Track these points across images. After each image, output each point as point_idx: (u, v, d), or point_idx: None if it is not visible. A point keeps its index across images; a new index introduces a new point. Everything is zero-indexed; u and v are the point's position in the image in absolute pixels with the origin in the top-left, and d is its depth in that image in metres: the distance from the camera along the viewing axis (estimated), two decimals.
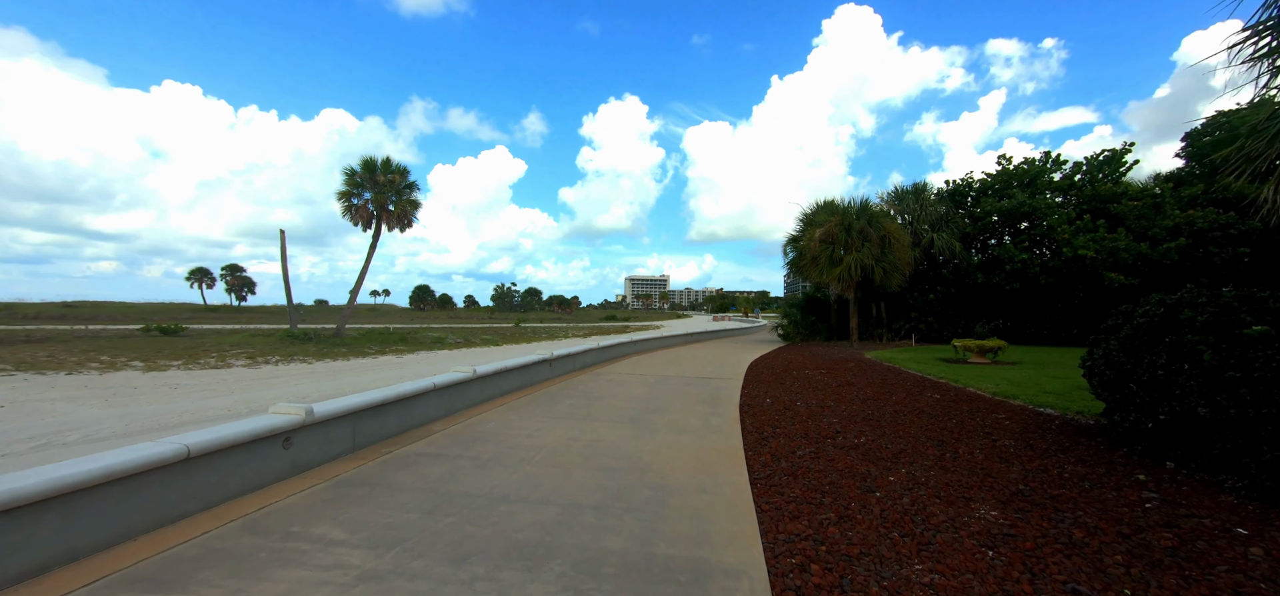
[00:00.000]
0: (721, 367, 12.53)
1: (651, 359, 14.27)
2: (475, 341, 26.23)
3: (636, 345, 16.43)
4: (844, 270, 18.76)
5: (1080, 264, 17.03)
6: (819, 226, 19.89)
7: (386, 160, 25.71)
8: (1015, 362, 12.74)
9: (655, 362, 13.33)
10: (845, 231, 19.08)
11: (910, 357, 14.58)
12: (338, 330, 25.20)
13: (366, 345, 21.75)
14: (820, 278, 19.66)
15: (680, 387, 9.22)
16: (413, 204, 26.64)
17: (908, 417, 6.58)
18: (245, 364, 15.39)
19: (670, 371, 11.62)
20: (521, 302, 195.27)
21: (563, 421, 6.38)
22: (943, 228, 21.03)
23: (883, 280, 18.84)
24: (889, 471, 4.39)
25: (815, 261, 19.83)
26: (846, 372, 11.50)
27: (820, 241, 19.21)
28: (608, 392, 8.63)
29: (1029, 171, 21.13)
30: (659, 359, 14.31)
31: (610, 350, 13.97)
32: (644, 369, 11.99)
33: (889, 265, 18.64)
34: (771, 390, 9.08)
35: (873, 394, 8.50)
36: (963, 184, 22.59)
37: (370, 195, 25.21)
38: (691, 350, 17.82)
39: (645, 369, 12.00)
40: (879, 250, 18.56)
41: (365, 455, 4.79)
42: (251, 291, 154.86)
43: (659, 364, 13.03)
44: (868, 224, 18.81)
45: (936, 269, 21.98)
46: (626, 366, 12.48)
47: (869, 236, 18.65)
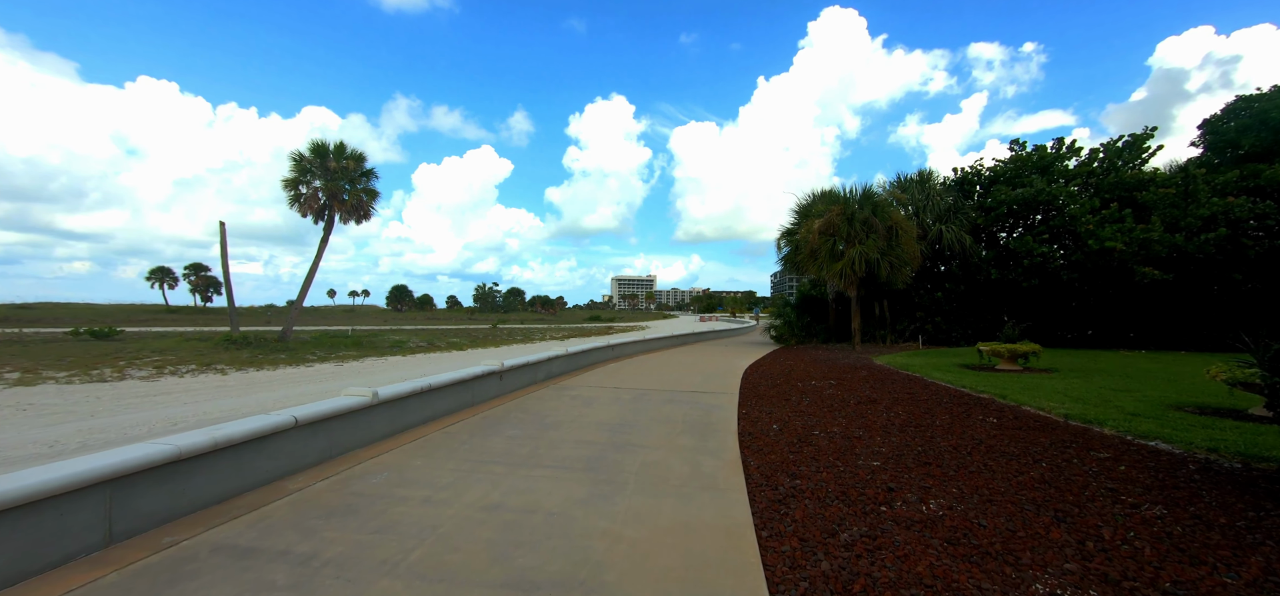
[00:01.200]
0: (711, 377, 10.73)
1: (630, 367, 12.42)
2: (439, 345, 24.14)
3: (614, 350, 14.56)
4: (846, 265, 17.12)
5: (1107, 258, 15.60)
6: (817, 217, 18.22)
7: (340, 145, 23.47)
8: (1050, 370, 11.14)
9: (634, 371, 11.49)
10: (847, 222, 17.44)
11: (926, 363, 12.94)
12: (283, 333, 22.88)
13: (310, 351, 19.56)
14: (819, 273, 18.00)
15: (661, 407, 7.38)
16: (370, 193, 24.41)
17: (974, 458, 4.82)
18: (147, 376, 13.20)
19: (651, 383, 9.79)
20: (503, 303, 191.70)
21: (491, 468, 4.50)
22: (950, 219, 19.53)
23: (889, 276, 17.24)
24: (1017, 588, 2.59)
25: (814, 255, 18.16)
26: (861, 383, 9.77)
27: (820, 233, 17.54)
28: (568, 416, 6.76)
29: (1044, 158, 19.72)
30: (639, 366, 12.48)
31: (582, 357, 12.09)
32: (620, 379, 10.14)
33: (896, 259, 17.05)
34: (776, 409, 7.29)
35: (907, 415, 6.75)
36: (971, 172, 21.13)
37: (320, 183, 22.94)
38: (677, 355, 16.01)
39: (622, 379, 10.16)
40: (885, 242, 16.95)
41: (119, 555, 2.86)
42: (217, 292, 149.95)
43: (638, 372, 11.20)
44: (872, 214, 17.20)
45: (944, 264, 20.50)
46: (599, 376, 10.61)
47: (874, 227, 17.04)
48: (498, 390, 8.28)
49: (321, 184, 23.07)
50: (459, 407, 7.02)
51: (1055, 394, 8.03)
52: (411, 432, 5.75)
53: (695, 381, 10.18)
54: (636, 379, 10.42)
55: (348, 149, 23.69)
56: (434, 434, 5.75)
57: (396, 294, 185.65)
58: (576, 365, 11.82)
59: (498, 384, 8.33)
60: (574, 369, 11.62)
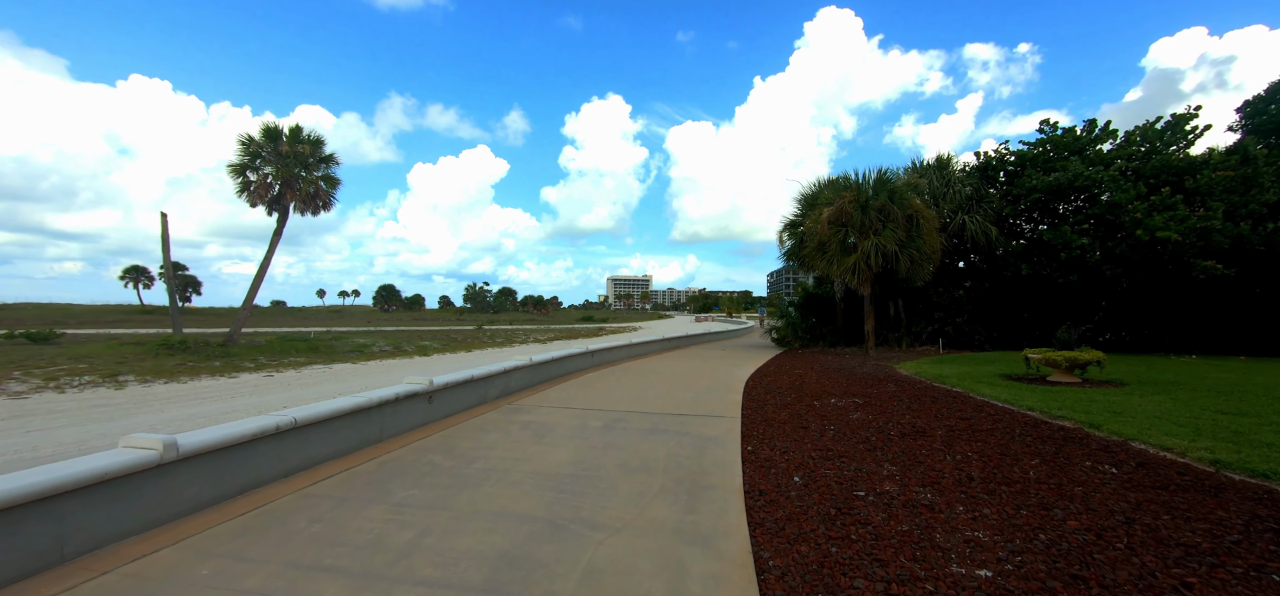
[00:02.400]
0: (706, 393, 8.85)
1: (610, 378, 10.53)
2: (407, 349, 22.15)
3: (593, 358, 12.66)
4: (860, 259, 15.28)
5: (1157, 250, 13.84)
6: (826, 206, 16.38)
7: (295, 127, 21.41)
8: (1117, 383, 9.33)
9: (613, 384, 9.60)
10: (860, 211, 15.59)
11: (959, 373, 11.12)
12: (229, 337, 20.82)
13: (254, 357, 17.54)
14: (828, 268, 16.16)
15: (639, 441, 5.50)
16: (329, 181, 22.37)
17: (1147, 558, 2.95)
18: (31, 389, 11.18)
19: (631, 401, 7.90)
20: (494, 303, 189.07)
21: (317, 586, 2.60)
22: (973, 209, 17.75)
23: (908, 271, 15.43)
24: None
25: (822, 249, 16.32)
26: (893, 402, 7.92)
27: (829, 223, 15.70)
28: (506, 458, 4.86)
29: (1077, 140, 17.95)
30: (620, 378, 10.59)
31: (550, 368, 10.18)
32: (594, 396, 8.25)
33: (916, 252, 15.24)
34: (792, 445, 5.42)
35: (981, 459, 4.90)
36: (995, 157, 19.35)
37: (271, 169, 20.88)
38: (667, 362, 14.13)
39: (596, 396, 8.26)
40: (904, 233, 15.13)
41: None
42: (196, 291, 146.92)
43: (618, 386, 9.31)
44: (889, 200, 15.38)
45: (962, 260, 18.73)
46: (569, 392, 8.71)
47: (891, 216, 15.21)
48: (424, 417, 6.37)
49: (273, 170, 21.00)
50: (353, 447, 5.11)
51: (1152, 419, 6.21)
52: (242, 500, 3.83)
53: (686, 399, 8.29)
54: (614, 395, 8.53)
55: (305, 132, 21.65)
56: (285, 499, 3.84)
57: (384, 294, 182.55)
58: (543, 377, 9.91)
59: (425, 409, 6.42)
60: (539, 382, 9.71)
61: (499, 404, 7.79)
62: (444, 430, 6.10)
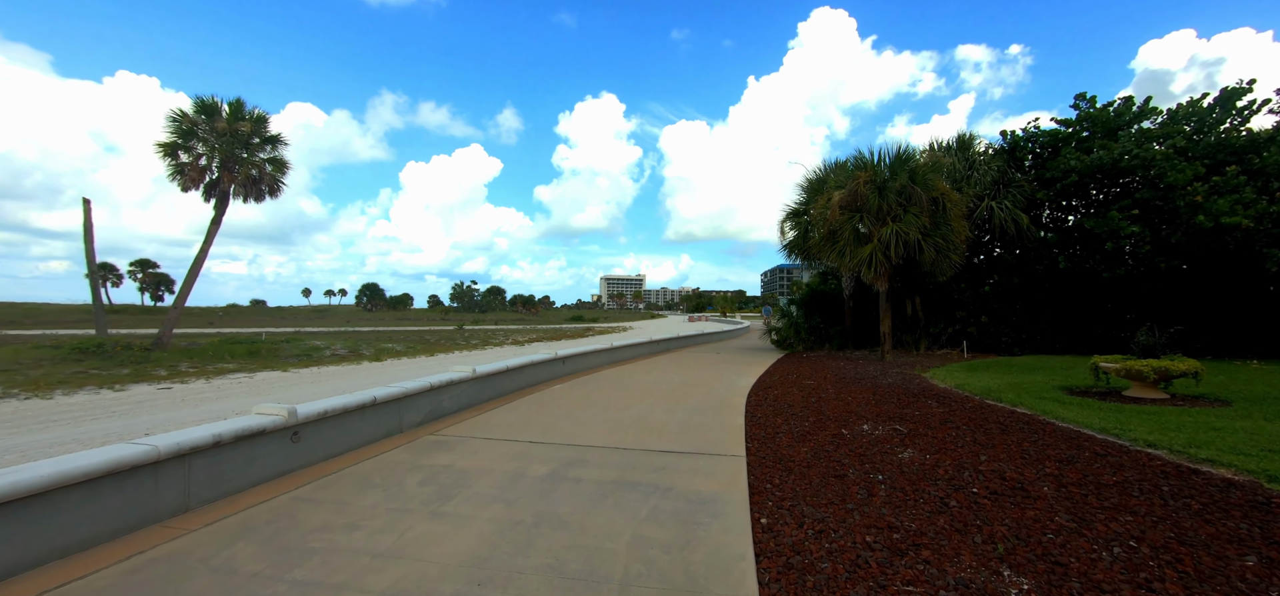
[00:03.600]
0: (697, 414, 6.92)
1: (579, 391, 8.56)
2: (364, 354, 20.04)
3: (566, 365, 10.71)
4: (877, 249, 13.41)
5: (1223, 238, 12.10)
6: (838, 189, 14.50)
7: (236, 103, 19.21)
8: (1218, 400, 7.50)
9: (581, 401, 7.63)
10: (877, 193, 13.71)
11: (1006, 384, 9.28)
12: (158, 339, 18.64)
13: (169, 365, 15.40)
14: (839, 261, 14.28)
15: (591, 513, 3.58)
16: (277, 164, 20.18)
17: None
18: None
19: (596, 429, 5.95)
20: (481, 302, 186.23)
21: None
22: (999, 194, 15.96)
23: (933, 263, 13.59)
24: None
25: (832, 239, 14.44)
26: (951, 433, 6.04)
27: (841, 208, 13.82)
28: (364, 554, 2.89)
29: (1116, 118, 16.20)
30: (592, 390, 8.62)
31: (503, 380, 8.21)
32: (549, 419, 6.29)
33: (942, 241, 13.40)
34: (837, 523, 3.54)
35: (1162, 551, 3.00)
36: (1023, 137, 17.58)
37: (204, 148, 18.66)
38: (653, 369, 12.20)
39: (552, 419, 6.31)
40: (928, 220, 13.28)
41: None
42: (169, 290, 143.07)
43: (585, 405, 7.35)
44: (910, 181, 13.53)
45: (987, 250, 16.95)
46: (519, 414, 6.74)
47: (913, 200, 13.35)
48: (282, 464, 4.40)
49: (206, 149, 18.78)
50: (106, 535, 3.13)
51: None
52: None
53: (672, 423, 6.36)
54: (579, 418, 6.57)
55: (246, 109, 19.45)
56: None
57: (368, 293, 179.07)
58: (492, 392, 7.93)
59: (285, 452, 4.44)
60: (487, 399, 7.73)
61: (418, 434, 5.82)
62: (303, 487, 4.13)
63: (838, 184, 15.35)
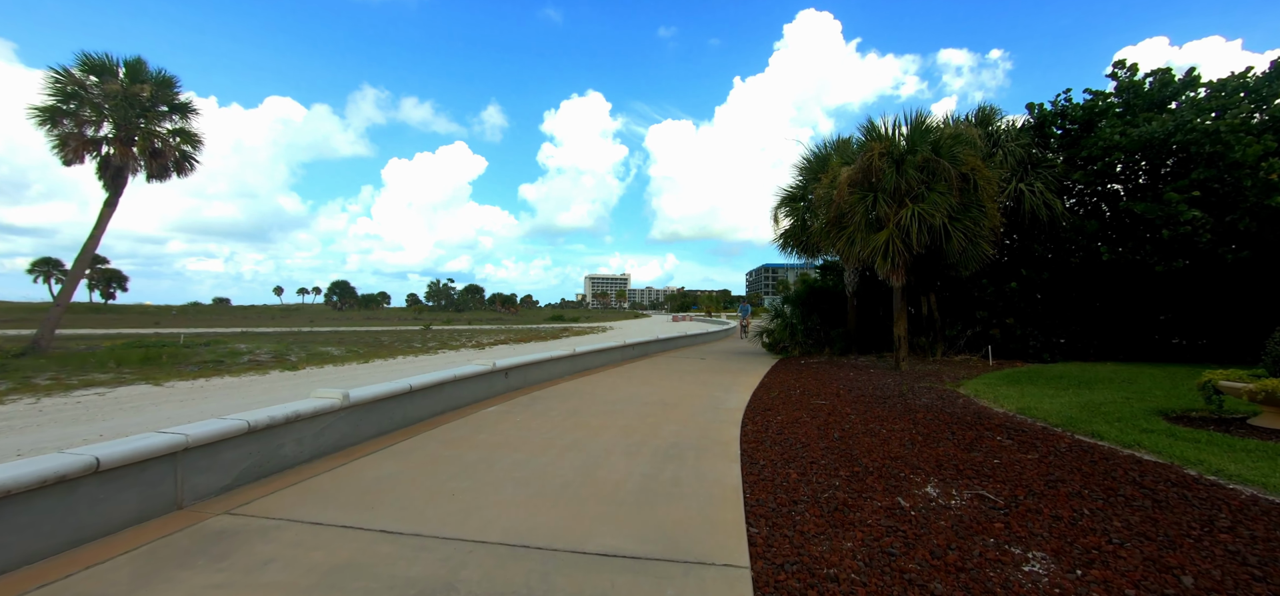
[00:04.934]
0: (667, 465, 4.59)
1: (511, 419, 6.18)
2: (287, 362, 17.38)
3: (509, 379, 8.35)
4: (893, 236, 11.26)
5: None
6: (847, 166, 12.33)
7: (134, 62, 16.42)
8: None
9: (504, 440, 5.26)
10: (894, 167, 11.55)
11: (1075, 405, 7.18)
12: (35, 342, 15.83)
13: (20, 377, 12.68)
14: (848, 250, 12.10)
15: None
16: (187, 137, 17.41)
17: None
18: None
19: (499, 514, 3.52)
20: (458, 301, 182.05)
21: None
22: (1029, 175, 13.97)
23: (962, 253, 11.50)
24: None
25: (839, 224, 12.26)
26: (1074, 507, 3.82)
27: (850, 187, 11.65)
28: None
29: (1160, 90, 14.29)
30: (531, 417, 6.26)
31: (402, 406, 5.78)
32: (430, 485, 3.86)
33: (972, 225, 11.31)
34: None
35: None
36: (1052, 111, 15.60)
37: (93, 114, 15.87)
38: (622, 384, 9.89)
39: (436, 485, 3.87)
40: (959, 199, 11.18)
41: None
42: (122, 287, 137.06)
43: (508, 448, 4.98)
44: (934, 154, 11.42)
45: (1011, 239, 14.95)
46: (400, 465, 4.31)
47: (940, 175, 11.22)
48: None
49: (95, 115, 15.97)
50: None
51: None
52: None
53: (630, 485, 4.05)
54: (482, 480, 4.20)
55: (148, 70, 16.67)
56: None
57: (338, 291, 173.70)
58: (374, 427, 5.52)
59: None
60: (365, 437, 5.32)
61: (205, 511, 3.42)
62: None
63: (845, 162, 13.18)
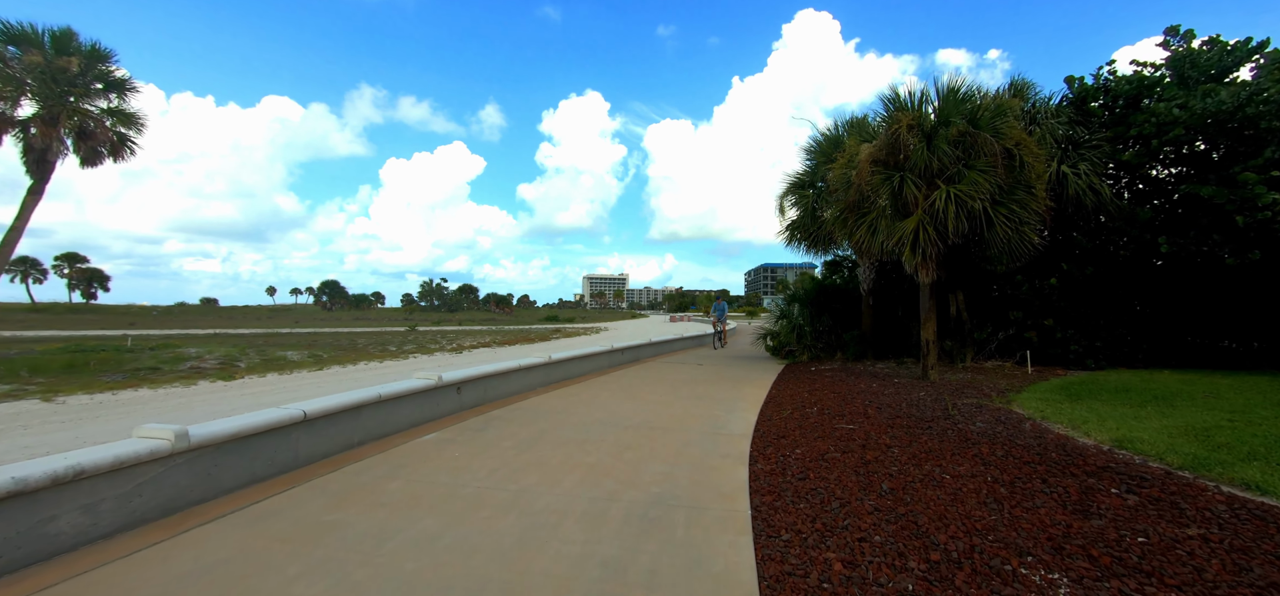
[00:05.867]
0: (647, 536, 2.91)
1: (450, 454, 4.53)
2: (236, 369, 15.70)
3: (461, 395, 6.72)
4: (922, 222, 9.64)
5: None
6: (868, 142, 10.71)
7: (62, 33, 14.74)
8: None
9: (432, 488, 3.58)
10: (923, 142, 9.94)
11: (1175, 428, 5.57)
12: None
13: None
14: (869, 240, 10.46)
15: None
16: (123, 117, 15.73)
17: None
18: None
19: None
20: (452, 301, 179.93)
21: None
22: (1072, 156, 12.39)
23: (1006, 241, 9.86)
24: None
25: (858, 210, 10.65)
26: None
27: (872, 166, 10.03)
28: None
29: (1222, 58, 12.70)
30: (476, 452, 4.60)
31: (300, 438, 4.11)
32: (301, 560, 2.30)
33: (1018, 209, 9.69)
34: None
35: None
36: (1095, 85, 13.97)
37: (12, 90, 14.17)
38: (603, 398, 8.25)
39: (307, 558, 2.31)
40: (1005, 176, 9.55)
41: None
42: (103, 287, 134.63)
43: (433, 503, 3.28)
44: (971, 126, 9.80)
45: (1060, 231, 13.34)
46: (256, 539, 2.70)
47: (981, 150, 9.58)
48: None
49: (13, 91, 14.26)
50: None
51: None
52: None
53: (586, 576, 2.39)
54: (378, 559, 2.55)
55: (77, 41, 14.97)
56: None
57: (328, 291, 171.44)
58: (262, 468, 3.82)
59: None
60: (241, 484, 3.60)
61: None
62: None
63: (864, 140, 11.55)
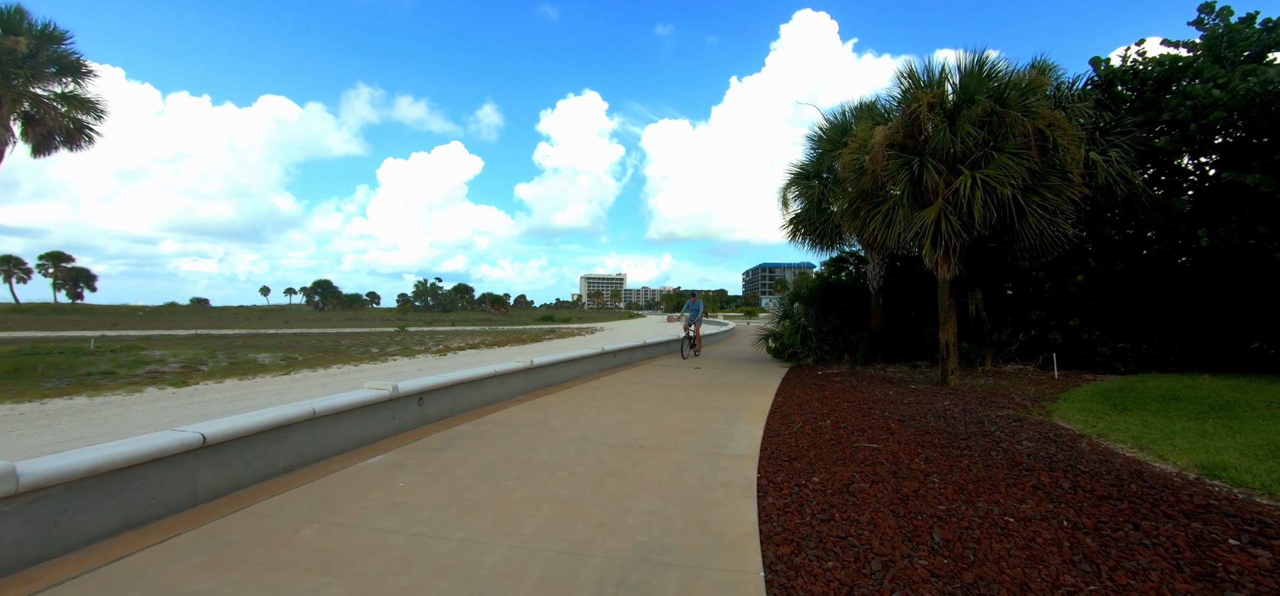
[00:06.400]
0: None
1: (384, 496, 3.56)
2: (197, 373, 14.69)
3: (394, 417, 5.76)
4: (946, 213, 8.72)
5: None
6: (882, 125, 9.79)
7: (10, 12, 13.76)
8: None
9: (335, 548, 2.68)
10: (945, 121, 9.01)
11: (1252, 451, 4.63)
12: None
13: None
14: (884, 233, 9.53)
15: None
16: (79, 103, 14.70)
17: None
18: None
19: None
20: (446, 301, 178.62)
21: None
22: (1101, 142, 11.49)
23: (1039, 233, 8.94)
24: None
25: (871, 199, 9.73)
26: None
27: (887, 149, 9.11)
28: None
29: (1254, 38, 11.86)
30: (419, 486, 3.65)
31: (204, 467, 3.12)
32: None
33: (1051, 197, 8.77)
34: None
35: None
36: (1124, 68, 13.09)
37: None
38: (586, 410, 7.31)
39: None
40: (1039, 158, 8.62)
41: None
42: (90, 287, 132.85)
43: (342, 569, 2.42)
44: (999, 105, 8.88)
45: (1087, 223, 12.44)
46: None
47: (1011, 131, 8.65)
48: None
49: None
50: None
51: None
52: None
53: None
54: None
55: (27, 20, 13.95)
56: None
57: (320, 290, 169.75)
58: (145, 508, 2.82)
59: None
60: (107, 531, 2.64)
61: None
62: None
63: (881, 119, 10.60)
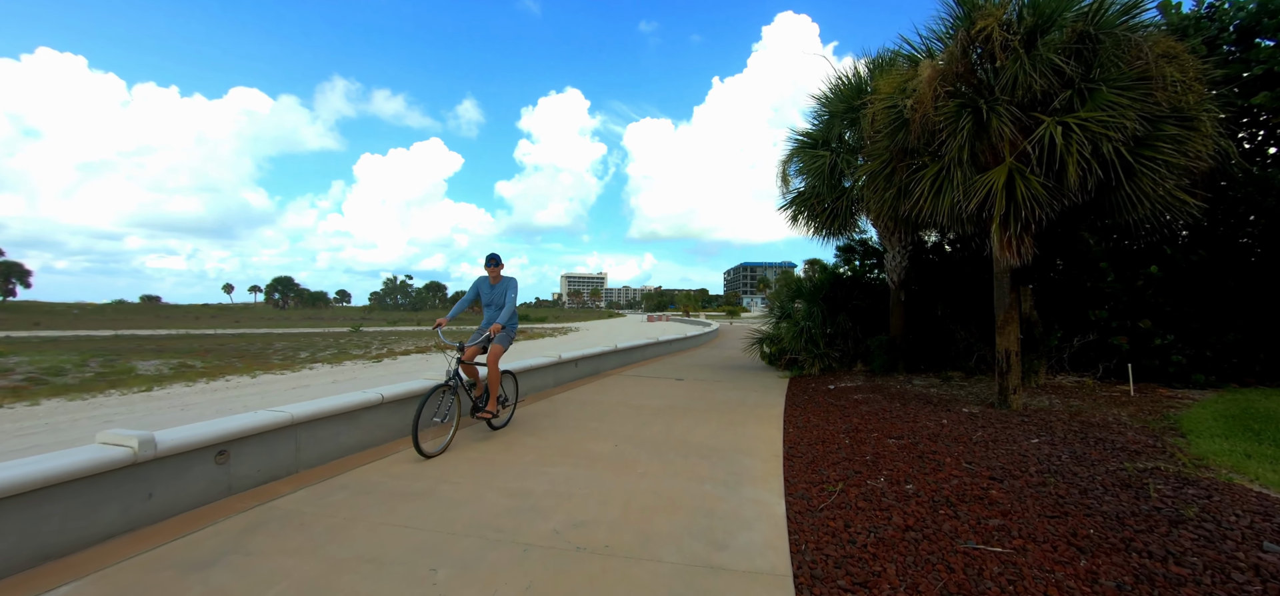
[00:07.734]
0: None
1: None
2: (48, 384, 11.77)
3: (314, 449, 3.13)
4: (1018, 174, 6.39)
5: None
6: (916, 65, 7.46)
7: None
8: None
9: None
10: (1023, 50, 6.67)
11: None
12: None
13: None
14: (934, 205, 7.13)
15: None
16: None
17: None
18: None
19: None
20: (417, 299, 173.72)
21: None
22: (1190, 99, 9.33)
23: (1152, 202, 6.61)
24: None
25: (910, 161, 7.40)
26: None
27: (935, 87, 6.75)
28: None
29: None
30: None
31: None
32: None
33: (1168, 152, 6.48)
34: None
35: None
36: (1194, 13, 10.98)
37: None
38: (533, 444, 4.73)
39: None
40: (1165, 106, 6.31)
41: None
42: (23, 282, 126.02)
43: None
44: (1094, 30, 6.57)
45: None
46: None
47: (1109, 64, 6.33)
48: None
49: None
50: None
51: None
52: None
53: None
54: None
55: None
56: None
57: (280, 287, 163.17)
58: None
59: None
60: None
61: None
62: None
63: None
